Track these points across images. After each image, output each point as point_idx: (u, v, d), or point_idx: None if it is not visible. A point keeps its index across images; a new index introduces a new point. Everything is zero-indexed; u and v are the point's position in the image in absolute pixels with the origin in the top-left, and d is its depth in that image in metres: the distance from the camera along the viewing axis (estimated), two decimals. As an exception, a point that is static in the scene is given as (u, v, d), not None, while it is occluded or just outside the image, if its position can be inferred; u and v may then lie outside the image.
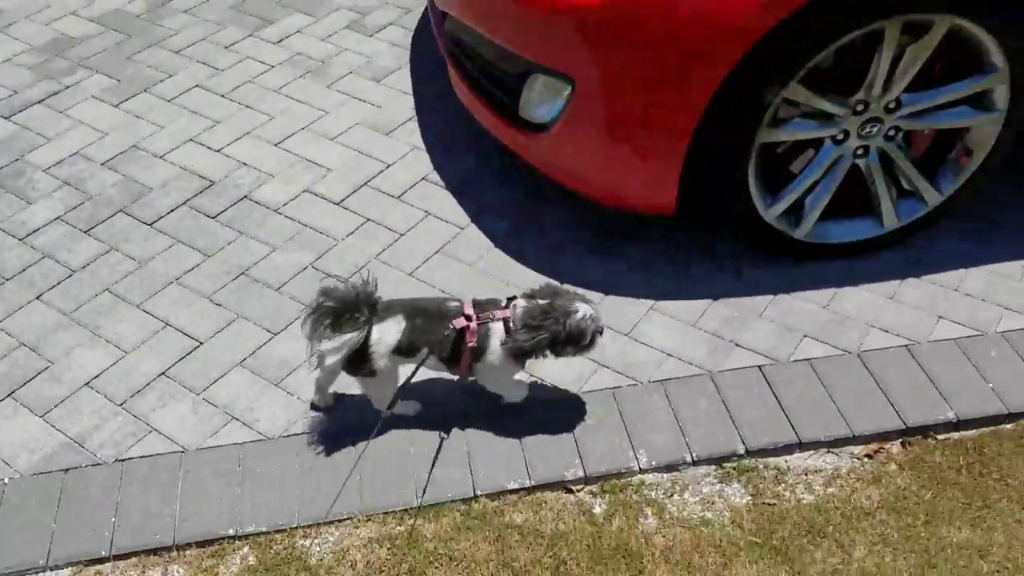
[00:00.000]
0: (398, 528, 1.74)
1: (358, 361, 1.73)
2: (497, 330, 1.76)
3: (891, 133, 2.11)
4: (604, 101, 1.98)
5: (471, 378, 1.84)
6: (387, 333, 1.73)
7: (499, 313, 1.77)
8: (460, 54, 2.36)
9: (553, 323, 1.72)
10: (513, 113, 2.21)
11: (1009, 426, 1.91)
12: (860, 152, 2.13)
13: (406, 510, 1.77)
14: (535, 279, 2.22)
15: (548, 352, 1.76)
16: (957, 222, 2.34)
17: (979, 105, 2.09)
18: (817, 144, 2.13)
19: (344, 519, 1.75)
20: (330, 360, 1.70)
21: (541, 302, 1.75)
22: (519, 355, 1.77)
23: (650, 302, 2.19)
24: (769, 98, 1.94)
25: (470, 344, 1.74)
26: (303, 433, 1.89)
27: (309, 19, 3.24)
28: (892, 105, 2.05)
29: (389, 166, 2.57)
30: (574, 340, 1.74)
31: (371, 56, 3.03)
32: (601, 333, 1.79)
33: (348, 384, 1.94)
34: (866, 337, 2.09)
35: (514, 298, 1.80)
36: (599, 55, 1.93)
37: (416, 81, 2.90)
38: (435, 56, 2.83)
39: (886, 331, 2.11)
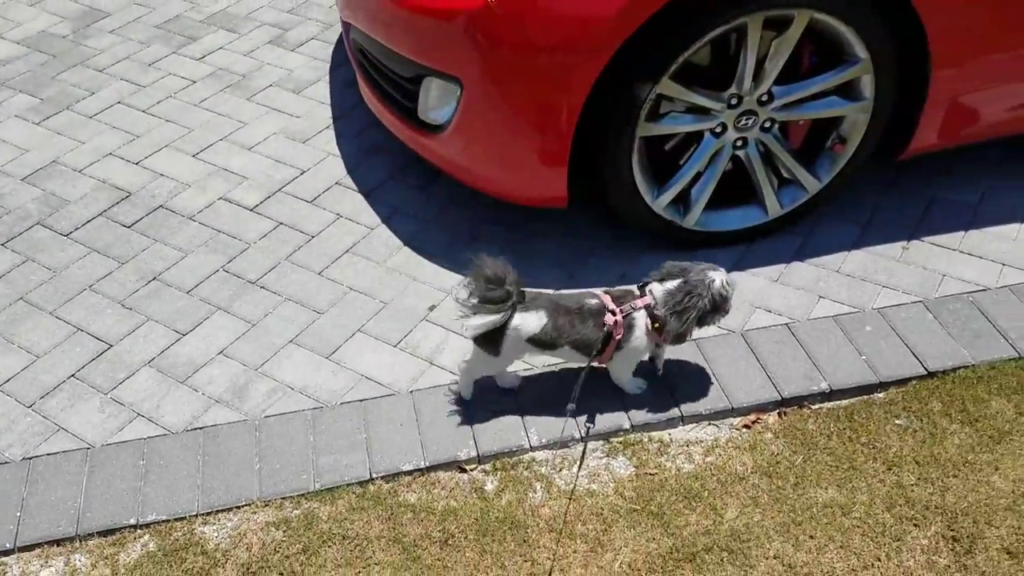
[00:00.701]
0: (295, 512, 1.82)
1: (491, 338, 1.85)
2: (639, 320, 1.88)
3: (767, 125, 2.24)
4: (490, 101, 2.10)
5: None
6: (527, 323, 1.85)
7: (639, 302, 1.88)
8: (366, 63, 2.47)
9: (697, 299, 1.84)
10: (414, 116, 2.32)
11: (880, 395, 2.03)
12: (739, 144, 2.26)
13: (303, 495, 1.84)
14: (444, 275, 2.33)
15: (698, 323, 1.87)
16: (839, 207, 2.48)
17: (848, 95, 2.22)
18: (699, 137, 2.25)
19: (243, 505, 1.83)
20: (468, 333, 1.83)
21: (675, 283, 1.87)
22: (677, 340, 1.89)
23: (550, 291, 2.28)
24: (643, 94, 2.06)
25: (617, 337, 1.86)
26: (207, 427, 1.97)
27: (232, 36, 3.33)
28: (764, 98, 2.18)
29: (304, 172, 2.66)
30: (718, 308, 1.87)
31: (292, 69, 3.12)
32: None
33: (247, 382, 2.02)
34: (751, 317, 2.21)
35: (646, 284, 1.92)
36: (482, 57, 2.04)
37: (334, 92, 3.00)
38: (353, 68, 2.93)
39: (770, 311, 2.23)
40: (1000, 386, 2.01)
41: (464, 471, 1.91)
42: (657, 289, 1.89)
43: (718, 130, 2.22)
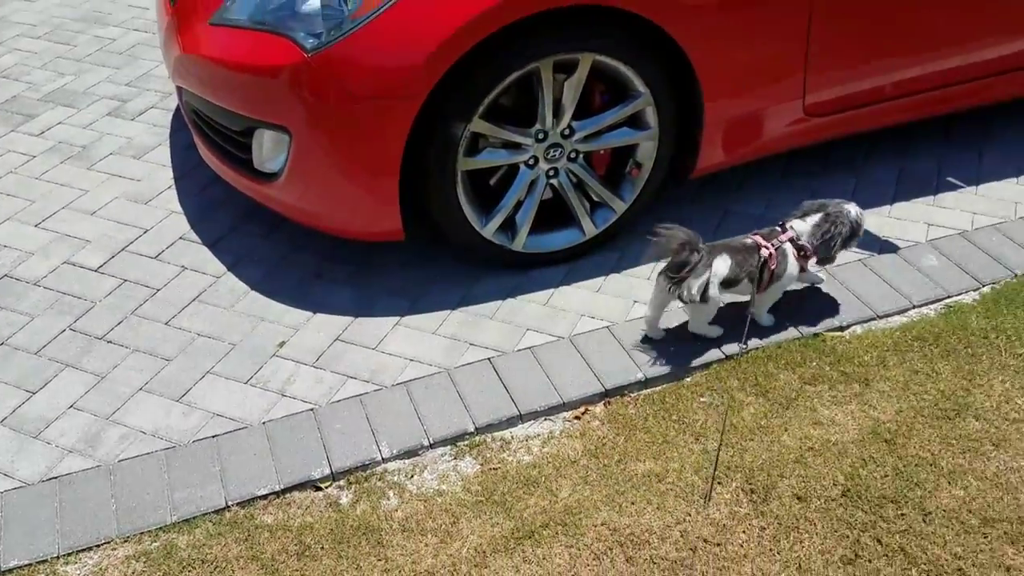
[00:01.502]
0: (154, 544, 1.88)
1: (702, 292, 2.22)
2: (789, 250, 2.28)
3: (572, 156, 2.52)
4: (318, 147, 2.29)
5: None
6: (719, 267, 2.22)
7: (784, 236, 2.29)
8: (200, 122, 2.61)
9: (841, 227, 2.26)
10: (250, 167, 2.47)
11: (688, 379, 2.30)
12: (552, 173, 2.54)
13: (161, 527, 1.91)
14: (292, 313, 2.46)
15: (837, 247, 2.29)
16: (649, 223, 2.78)
17: (637, 126, 2.54)
18: (516, 169, 2.51)
19: (102, 543, 1.88)
20: (695, 296, 2.20)
21: (818, 216, 2.29)
22: (823, 262, 2.33)
23: (396, 319, 2.47)
24: (458, 132, 2.30)
25: (772, 267, 2.26)
26: (62, 476, 2.01)
27: (71, 111, 3.38)
28: (567, 132, 2.47)
29: (147, 231, 2.75)
30: (855, 233, 2.31)
31: (132, 137, 3.21)
32: None
33: (99, 430, 2.08)
34: (577, 324, 2.46)
35: (784, 223, 2.32)
36: (306, 107, 2.24)
37: (175, 155, 3.11)
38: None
39: (593, 318, 2.48)
40: (786, 361, 2.32)
41: (319, 489, 2.03)
42: (799, 224, 2.31)
43: (531, 162, 2.48)
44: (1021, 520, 1.91)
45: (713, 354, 2.34)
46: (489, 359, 2.35)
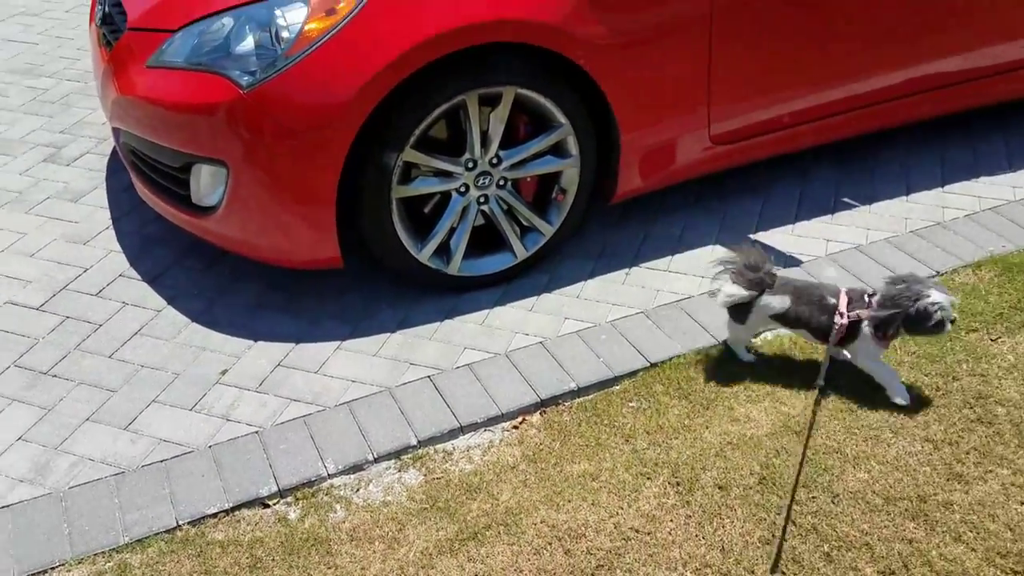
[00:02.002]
0: (108, 564, 1.92)
1: (740, 309, 2.33)
2: (864, 326, 2.23)
3: (501, 183, 2.69)
4: (255, 179, 2.40)
5: (845, 355, 2.39)
6: (773, 303, 2.29)
7: (864, 312, 2.23)
8: (137, 161, 2.69)
9: (904, 301, 2.16)
10: (188, 202, 2.56)
11: (617, 387, 2.45)
12: (482, 200, 2.69)
13: (114, 548, 1.96)
14: (233, 342, 2.53)
15: (904, 330, 2.21)
16: (575, 245, 2.97)
17: (559, 154, 2.72)
18: (448, 196, 2.66)
19: (57, 566, 1.91)
20: (720, 300, 2.30)
21: (899, 286, 2.20)
22: (878, 329, 2.21)
23: (336, 343, 2.56)
24: (391, 163, 2.44)
25: (839, 337, 2.24)
26: (13, 504, 2.04)
27: (6, 158, 3.41)
28: (495, 160, 2.63)
29: (87, 270, 2.79)
30: (921, 320, 2.16)
31: (68, 182, 3.26)
32: (953, 322, 2.20)
33: (48, 460, 2.11)
34: (512, 340, 2.59)
35: (874, 293, 2.26)
36: (242, 142, 2.35)
37: (112, 196, 3.16)
38: (128, 174, 3.12)
39: (527, 335, 2.62)
40: (705, 367, 2.49)
41: (267, 506, 2.09)
42: (877, 296, 2.25)
43: (462, 189, 2.63)
44: (920, 498, 2.09)
45: (639, 362, 2.50)
46: (429, 376, 2.46)
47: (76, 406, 2.31)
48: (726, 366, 2.48)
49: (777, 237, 2.99)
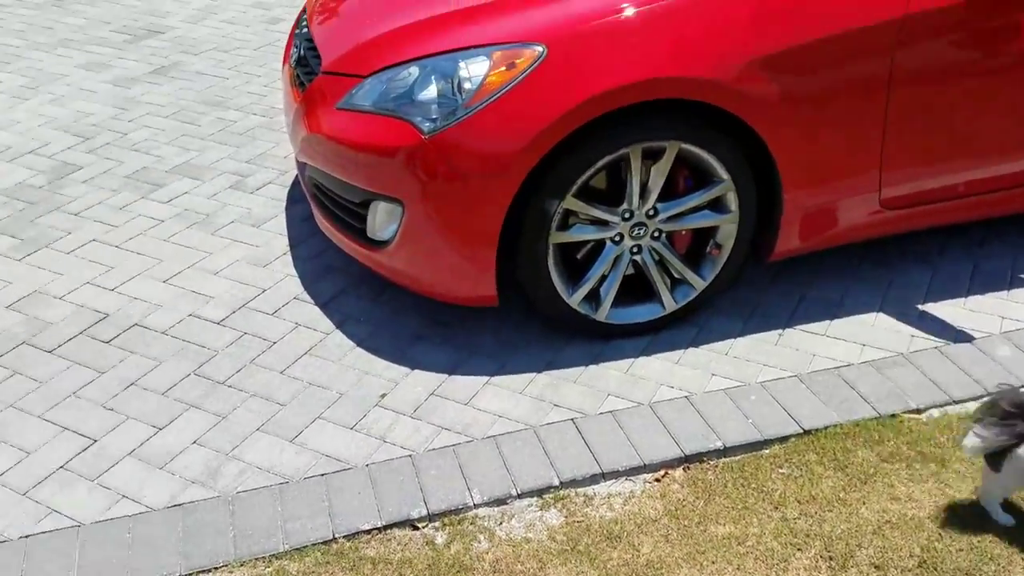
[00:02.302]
0: (267, 569, 2.05)
1: (995, 456, 2.03)
2: None
3: (656, 234, 2.72)
4: (428, 218, 2.54)
5: None
6: None
7: None
8: (319, 195, 2.90)
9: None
10: (363, 235, 2.73)
11: (766, 450, 2.41)
12: (635, 250, 2.73)
13: (274, 555, 2.09)
14: (393, 368, 2.67)
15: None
16: (727, 302, 2.94)
17: (718, 209, 2.72)
18: (602, 244, 2.72)
19: (220, 566, 2.06)
20: (969, 441, 2.02)
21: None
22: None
23: (486, 378, 2.65)
24: (551, 209, 2.52)
25: None
26: (185, 503, 2.22)
27: (196, 182, 3.75)
28: (651, 212, 2.67)
29: (265, 291, 3.03)
30: None
31: (251, 208, 3.54)
32: None
33: (220, 465, 2.28)
34: (656, 392, 2.60)
35: None
36: (420, 183, 2.50)
37: (291, 225, 3.41)
38: (307, 204, 3.37)
39: (672, 387, 2.62)
40: (864, 439, 2.40)
41: (416, 528, 2.18)
42: None
43: (617, 239, 2.68)
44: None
45: (791, 427, 2.45)
46: (572, 419, 2.50)
47: (248, 416, 2.50)
48: (888, 442, 2.38)
49: (947, 310, 2.86)
